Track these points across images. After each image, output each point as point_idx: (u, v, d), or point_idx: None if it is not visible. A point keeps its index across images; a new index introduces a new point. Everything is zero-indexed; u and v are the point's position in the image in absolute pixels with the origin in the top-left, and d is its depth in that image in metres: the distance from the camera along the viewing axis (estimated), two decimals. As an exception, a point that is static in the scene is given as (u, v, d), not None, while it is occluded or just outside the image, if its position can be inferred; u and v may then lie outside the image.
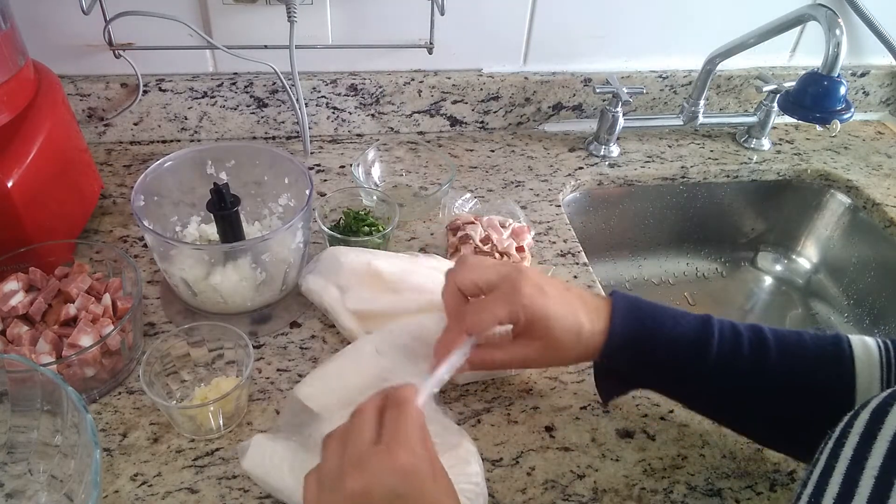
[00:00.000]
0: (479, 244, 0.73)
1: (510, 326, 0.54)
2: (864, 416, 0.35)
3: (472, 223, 0.75)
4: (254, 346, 0.62)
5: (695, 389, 0.54)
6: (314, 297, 0.67)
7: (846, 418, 0.37)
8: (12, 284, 0.60)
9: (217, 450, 0.56)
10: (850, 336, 0.51)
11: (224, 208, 0.64)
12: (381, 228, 0.75)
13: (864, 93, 1.13)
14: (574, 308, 0.52)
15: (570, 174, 0.95)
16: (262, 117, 0.93)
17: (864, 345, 0.50)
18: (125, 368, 0.61)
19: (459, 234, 0.75)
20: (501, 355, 0.54)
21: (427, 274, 0.66)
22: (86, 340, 0.57)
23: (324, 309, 0.67)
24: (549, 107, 1.02)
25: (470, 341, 0.52)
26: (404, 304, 0.63)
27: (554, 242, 0.82)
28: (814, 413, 0.49)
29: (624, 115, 0.96)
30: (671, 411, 0.63)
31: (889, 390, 0.36)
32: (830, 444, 0.36)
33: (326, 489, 0.40)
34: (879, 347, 0.49)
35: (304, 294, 0.68)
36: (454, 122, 1.00)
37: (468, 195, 0.82)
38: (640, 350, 0.52)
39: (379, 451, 0.40)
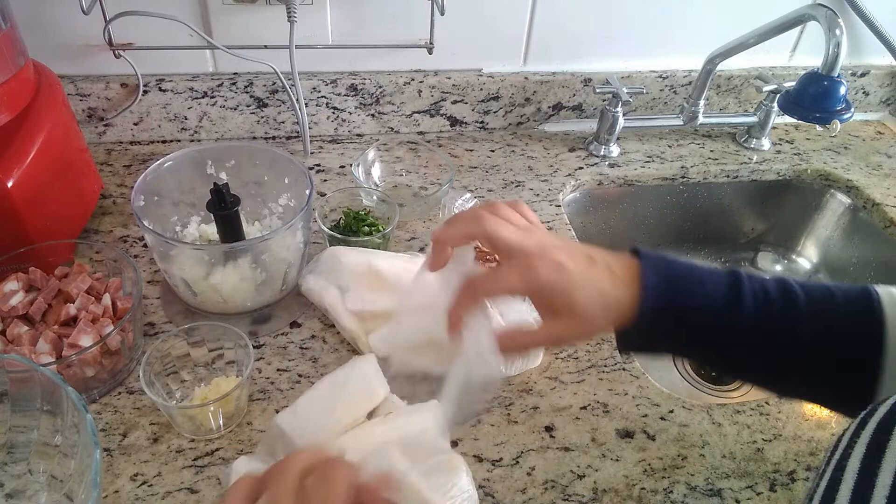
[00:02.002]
0: (479, 244, 0.73)
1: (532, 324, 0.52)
2: (872, 425, 0.34)
3: (472, 223, 0.75)
4: (254, 346, 0.62)
5: (725, 354, 0.51)
6: (314, 297, 0.67)
7: (852, 426, 0.35)
8: (12, 284, 0.60)
9: (217, 450, 0.56)
10: (877, 287, 0.49)
11: (224, 208, 0.64)
12: (381, 228, 0.75)
13: (864, 93, 1.13)
14: (598, 282, 0.49)
15: (570, 174, 0.95)
16: (262, 117, 0.93)
17: (892, 296, 0.48)
18: (125, 368, 0.61)
19: (459, 234, 0.75)
20: (530, 336, 0.51)
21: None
22: (86, 340, 0.57)
23: (324, 309, 0.67)
24: (549, 107, 1.02)
25: (486, 318, 0.50)
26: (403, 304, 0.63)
27: (554, 242, 0.82)
28: (846, 369, 0.48)
29: (624, 115, 0.96)
30: (671, 411, 0.63)
31: (894, 399, 0.35)
32: (837, 454, 0.35)
33: None
34: None
35: (304, 294, 0.68)
36: (454, 122, 1.00)
37: (468, 195, 0.82)
38: (671, 322, 0.50)
39: None
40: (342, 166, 0.92)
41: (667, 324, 0.50)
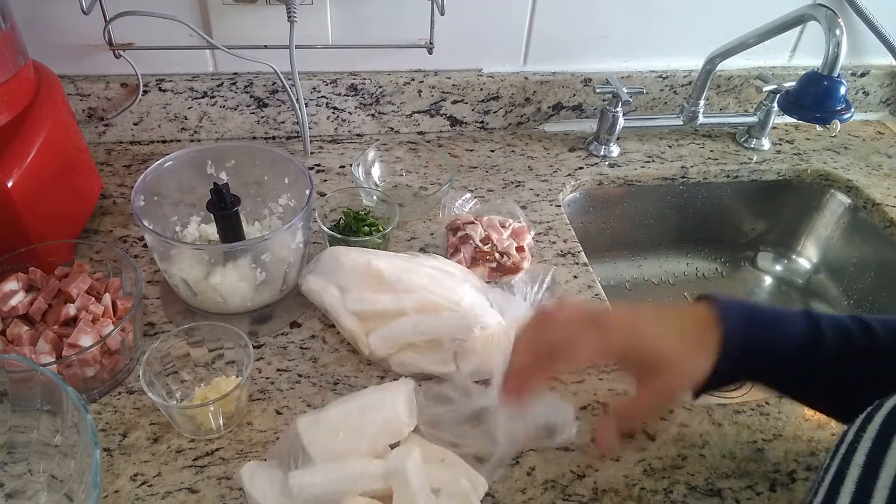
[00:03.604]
0: (479, 244, 0.73)
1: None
2: (878, 419, 0.34)
3: (472, 223, 0.76)
4: (254, 346, 0.62)
5: (808, 387, 0.52)
6: (314, 297, 0.67)
7: (859, 421, 0.36)
8: (12, 284, 0.60)
9: (217, 450, 0.56)
10: None
11: (224, 208, 0.64)
12: (381, 228, 0.75)
13: (864, 93, 1.13)
14: (672, 322, 0.50)
15: (570, 174, 0.95)
16: (262, 117, 0.93)
17: None
18: (125, 368, 0.61)
19: (459, 234, 0.75)
20: (637, 408, 0.52)
21: (428, 273, 0.66)
22: (86, 340, 0.57)
23: (324, 309, 0.67)
24: (549, 107, 1.02)
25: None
26: (405, 303, 0.63)
27: (554, 242, 0.82)
28: None
29: (624, 115, 0.96)
30: (671, 411, 0.63)
31: None
32: (843, 448, 0.35)
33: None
34: None
35: (304, 294, 0.68)
36: (454, 122, 1.00)
37: (468, 195, 0.82)
38: (754, 360, 0.50)
39: None
40: (342, 166, 0.92)
41: (750, 361, 0.50)
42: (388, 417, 0.54)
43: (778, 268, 1.10)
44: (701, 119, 1.00)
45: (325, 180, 0.89)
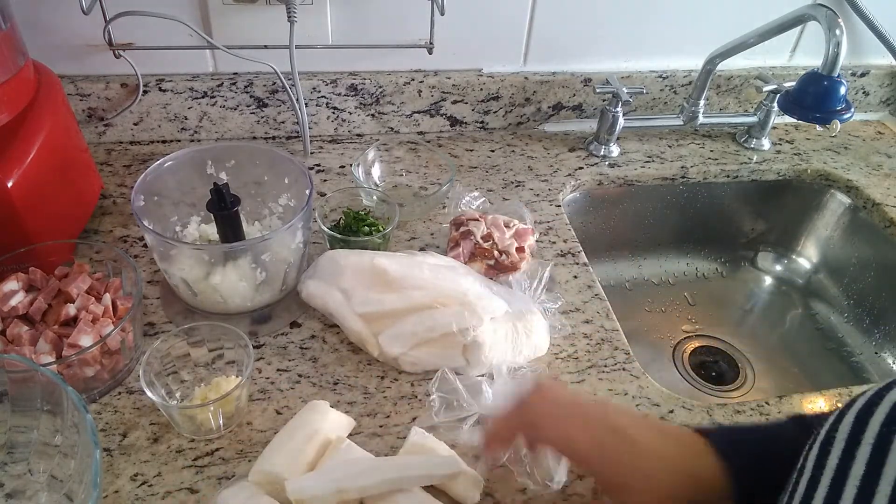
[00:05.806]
0: (480, 241, 0.73)
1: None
2: (850, 418, 0.34)
3: (477, 220, 0.76)
4: (254, 346, 0.62)
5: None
6: (316, 301, 0.66)
7: (831, 420, 0.36)
8: (12, 284, 0.60)
9: (217, 450, 0.56)
10: None
11: (224, 208, 0.64)
12: (381, 228, 0.75)
13: (864, 93, 1.13)
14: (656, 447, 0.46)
15: (570, 174, 0.95)
16: (262, 117, 0.93)
17: None
18: (125, 368, 0.61)
19: (462, 229, 0.75)
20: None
21: (431, 269, 0.66)
22: (86, 340, 0.57)
23: (328, 313, 0.66)
24: (549, 107, 1.02)
25: None
26: (412, 301, 0.63)
27: (554, 242, 0.82)
28: None
29: (624, 115, 0.96)
30: (671, 411, 0.63)
31: (873, 390, 0.35)
32: (815, 450, 0.35)
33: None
34: None
35: (304, 300, 0.68)
36: (454, 122, 1.00)
37: (476, 192, 0.83)
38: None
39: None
40: (342, 166, 0.92)
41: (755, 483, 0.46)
42: (317, 428, 0.54)
43: (778, 268, 1.10)
44: (701, 119, 1.00)
45: (325, 180, 0.89)
